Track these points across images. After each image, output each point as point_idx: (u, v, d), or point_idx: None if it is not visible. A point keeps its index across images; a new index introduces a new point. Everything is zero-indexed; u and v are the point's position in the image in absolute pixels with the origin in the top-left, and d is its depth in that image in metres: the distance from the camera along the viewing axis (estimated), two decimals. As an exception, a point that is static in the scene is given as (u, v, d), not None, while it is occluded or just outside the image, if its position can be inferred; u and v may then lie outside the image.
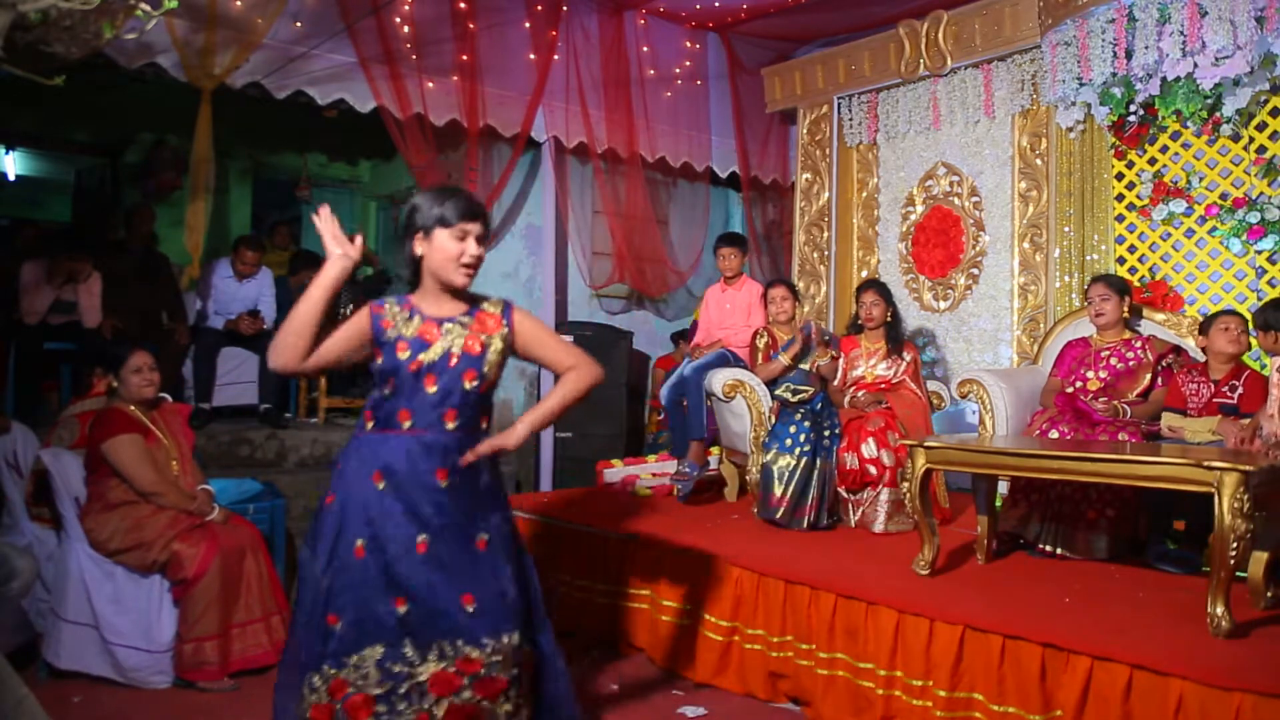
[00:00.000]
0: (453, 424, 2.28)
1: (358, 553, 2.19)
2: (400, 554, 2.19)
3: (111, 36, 3.94)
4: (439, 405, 2.27)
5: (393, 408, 2.26)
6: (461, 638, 2.19)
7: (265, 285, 6.03)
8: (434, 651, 2.17)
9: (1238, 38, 4.05)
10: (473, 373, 2.29)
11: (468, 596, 2.21)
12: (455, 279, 2.31)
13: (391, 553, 2.19)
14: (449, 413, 2.27)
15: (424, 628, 2.18)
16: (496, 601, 2.24)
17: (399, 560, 2.19)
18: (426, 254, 2.32)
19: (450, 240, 2.29)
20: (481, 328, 2.34)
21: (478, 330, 2.33)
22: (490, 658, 2.20)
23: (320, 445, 5.67)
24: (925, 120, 5.94)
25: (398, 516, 2.21)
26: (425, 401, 2.26)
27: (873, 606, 3.06)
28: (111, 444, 3.47)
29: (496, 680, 2.20)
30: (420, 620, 2.18)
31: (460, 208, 2.29)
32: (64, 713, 3.12)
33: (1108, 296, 4.21)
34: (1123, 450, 3.22)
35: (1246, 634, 2.69)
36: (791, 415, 4.28)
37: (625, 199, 6.71)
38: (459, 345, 2.30)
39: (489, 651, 2.20)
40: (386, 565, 2.18)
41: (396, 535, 2.20)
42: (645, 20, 6.70)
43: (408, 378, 2.26)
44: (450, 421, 2.27)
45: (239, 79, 5.15)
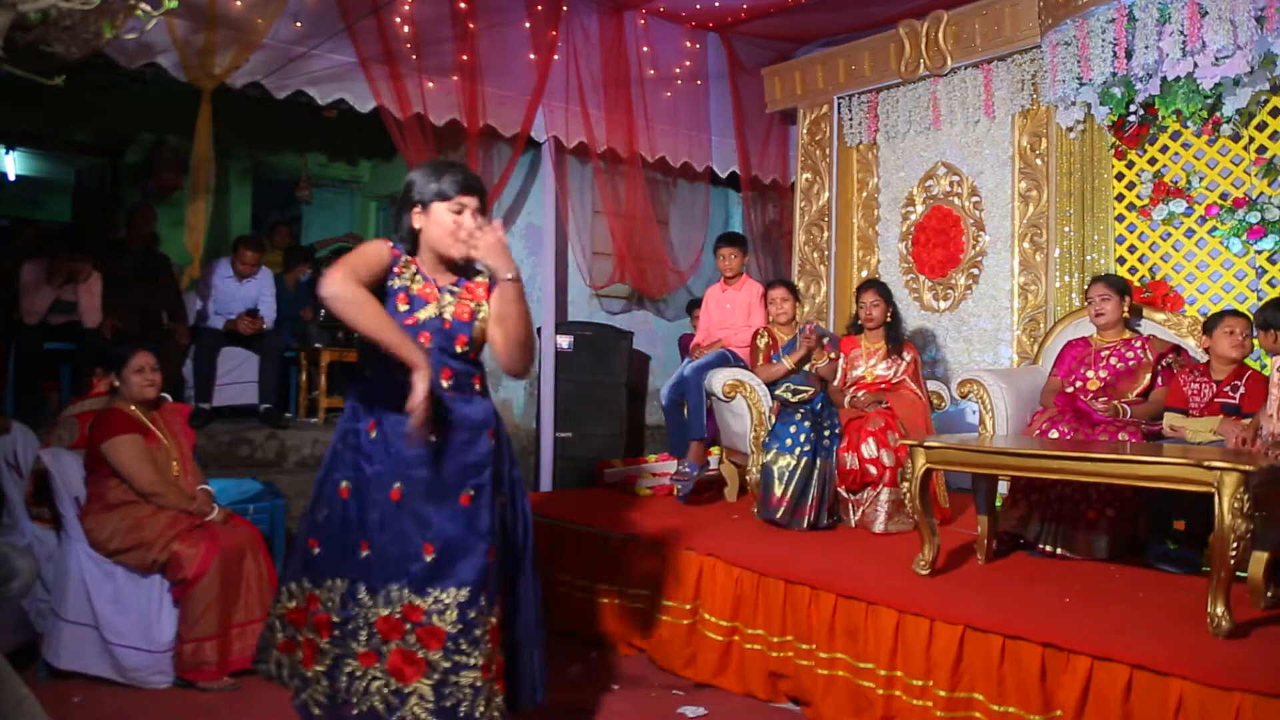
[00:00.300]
0: (447, 383, 2.37)
1: (341, 492, 2.34)
2: (376, 499, 2.30)
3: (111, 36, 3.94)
4: (467, 368, 2.40)
5: (388, 359, 2.23)
6: (409, 586, 2.27)
7: (265, 285, 6.03)
8: (382, 596, 2.28)
9: (1238, 37, 4.05)
10: (463, 338, 2.39)
11: (429, 547, 2.29)
12: (452, 251, 2.37)
13: (368, 497, 2.31)
14: (444, 371, 2.36)
15: (380, 572, 2.28)
16: (457, 555, 2.30)
17: (374, 505, 2.30)
18: (424, 227, 2.39)
19: (447, 214, 2.35)
20: (470, 295, 2.43)
21: (466, 298, 2.42)
22: (432, 607, 2.27)
23: (320, 445, 5.66)
24: (925, 120, 5.94)
25: (382, 466, 2.31)
26: (449, 362, 2.38)
27: (873, 606, 3.06)
28: (111, 444, 3.47)
29: (437, 630, 2.26)
30: (378, 564, 2.28)
31: (458, 181, 2.35)
32: (64, 713, 3.12)
33: (1108, 296, 4.21)
34: (1123, 450, 3.22)
35: (1246, 634, 2.68)
36: (791, 415, 4.28)
37: (625, 199, 6.71)
38: (450, 311, 2.39)
39: (431, 602, 2.27)
40: (361, 508, 2.31)
41: (376, 480, 2.31)
42: (645, 20, 6.70)
43: (408, 330, 2.32)
44: (444, 380, 2.36)
45: (239, 79, 5.15)
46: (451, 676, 2.27)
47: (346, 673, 2.29)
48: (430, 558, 2.28)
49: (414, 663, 2.26)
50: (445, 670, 2.27)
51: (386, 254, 2.37)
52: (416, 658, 2.26)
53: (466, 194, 2.36)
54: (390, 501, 2.30)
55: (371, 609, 2.28)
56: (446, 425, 2.34)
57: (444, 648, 2.26)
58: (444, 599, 2.28)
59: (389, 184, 8.41)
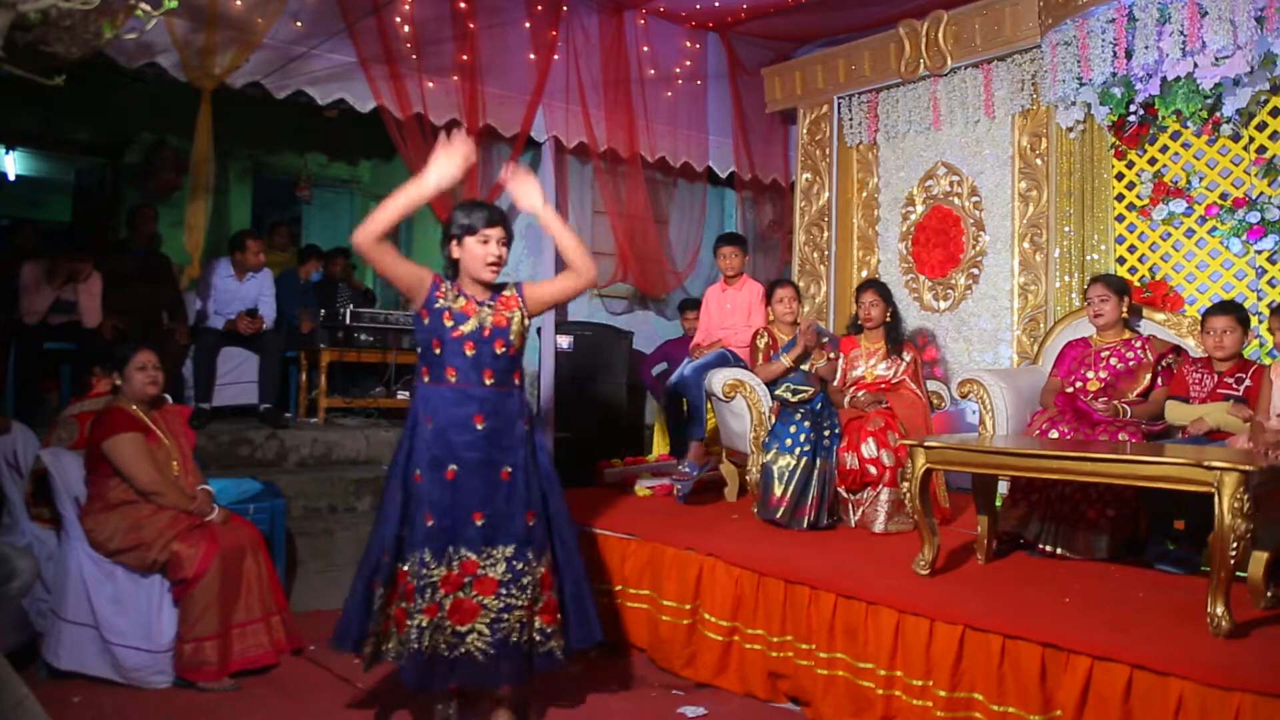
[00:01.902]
0: (490, 381, 2.92)
1: (417, 479, 2.87)
2: (436, 480, 2.84)
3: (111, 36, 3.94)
4: (477, 365, 2.90)
5: (441, 363, 2.90)
6: (465, 545, 2.83)
7: (265, 285, 6.03)
8: (444, 557, 2.82)
9: (1238, 38, 4.05)
10: (501, 341, 2.94)
11: (478, 515, 2.85)
12: (484, 275, 2.96)
13: (430, 478, 2.85)
14: (486, 372, 2.92)
15: (440, 538, 2.82)
16: (502, 520, 2.88)
17: (435, 485, 2.84)
18: (461, 256, 2.97)
19: (477, 244, 2.94)
20: (505, 306, 2.98)
21: (501, 309, 2.97)
22: (484, 561, 2.84)
23: (320, 445, 5.67)
24: (925, 120, 5.94)
25: (438, 451, 2.85)
26: (465, 361, 2.89)
27: (873, 606, 3.07)
28: (112, 442, 3.47)
29: (489, 580, 2.83)
30: (439, 532, 2.82)
31: (484, 217, 2.95)
32: (64, 713, 3.12)
33: (1106, 297, 4.22)
34: (1123, 450, 3.22)
35: (1246, 634, 2.69)
36: (791, 415, 4.28)
37: (626, 199, 6.72)
38: (489, 321, 2.94)
39: (483, 557, 2.84)
40: (429, 487, 2.84)
41: (436, 464, 2.85)
42: (645, 20, 6.70)
43: (451, 342, 2.90)
44: (488, 379, 2.92)
45: (239, 79, 5.15)
46: (503, 615, 2.83)
47: (415, 625, 2.78)
48: (480, 523, 2.84)
49: (470, 608, 2.80)
50: (498, 610, 2.82)
51: (427, 278, 2.94)
52: (473, 604, 2.81)
53: (489, 227, 2.94)
54: (446, 480, 2.84)
55: (436, 569, 2.81)
56: (491, 415, 2.89)
57: (496, 593, 2.83)
58: (494, 554, 2.85)
59: (389, 184, 8.34)
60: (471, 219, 2.94)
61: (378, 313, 6.39)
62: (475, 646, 2.81)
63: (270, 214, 8.46)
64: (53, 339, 5.39)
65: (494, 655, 2.81)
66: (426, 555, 2.81)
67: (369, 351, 6.19)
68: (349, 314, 6.13)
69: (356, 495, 5.37)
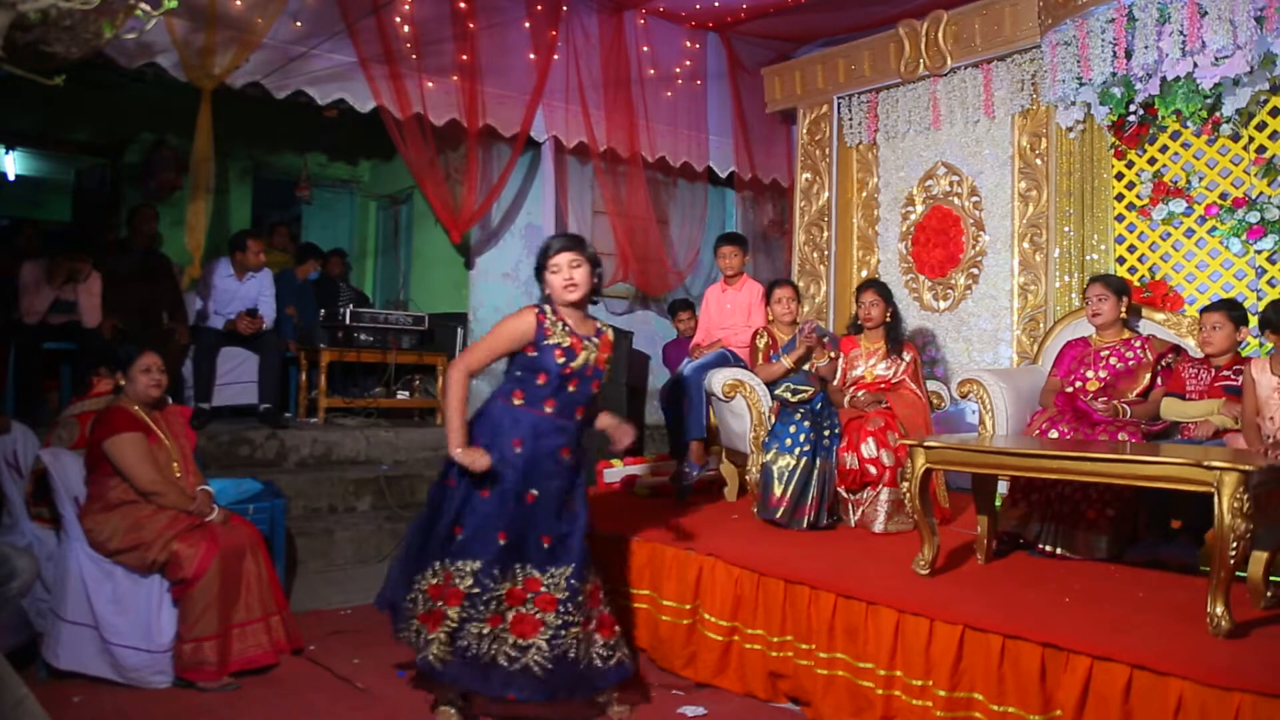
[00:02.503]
0: (580, 416, 3.11)
1: (484, 493, 2.98)
2: (515, 501, 2.97)
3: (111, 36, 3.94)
4: (574, 401, 3.06)
5: (541, 395, 3.02)
6: (532, 564, 2.97)
7: (265, 285, 6.03)
8: (511, 574, 2.96)
9: (1237, 37, 4.05)
10: (598, 382, 3.11)
11: (546, 538, 2.99)
12: (566, 297, 3.05)
13: (510, 498, 2.97)
14: (579, 408, 3.09)
15: (510, 557, 2.95)
16: (563, 543, 3.03)
17: (514, 505, 2.96)
18: (549, 286, 3.09)
19: (551, 275, 3.06)
20: (605, 347, 3.13)
21: (603, 349, 3.12)
22: (547, 580, 2.97)
23: (320, 445, 5.67)
24: (925, 120, 5.94)
25: (523, 474, 2.98)
26: (566, 396, 3.04)
27: (873, 606, 3.06)
28: (113, 441, 3.47)
29: (551, 597, 2.96)
30: (510, 551, 2.95)
31: (556, 246, 3.07)
32: (64, 713, 3.12)
33: (1105, 296, 4.22)
34: (1123, 450, 3.22)
35: (1246, 634, 2.68)
36: (791, 415, 4.28)
37: (626, 199, 6.72)
38: (593, 359, 3.08)
39: (548, 576, 2.97)
40: (502, 506, 2.96)
41: (518, 488, 2.97)
42: (645, 20, 6.70)
43: (558, 378, 3.02)
44: (579, 414, 3.10)
45: (239, 79, 5.15)
46: (561, 631, 2.95)
47: (474, 632, 2.91)
48: (547, 545, 2.99)
49: (532, 623, 2.93)
50: (557, 627, 2.94)
51: (531, 323, 3.03)
52: (535, 619, 2.94)
53: (560, 253, 3.04)
54: (527, 504, 2.99)
55: (501, 584, 2.94)
56: (575, 449, 3.09)
57: (555, 610, 2.96)
58: (556, 574, 2.98)
59: (389, 184, 8.41)
60: (546, 253, 3.08)
61: (378, 313, 6.40)
62: (534, 661, 2.92)
63: (270, 214, 8.46)
64: (52, 339, 5.40)
65: (551, 670, 2.92)
66: (495, 570, 2.94)
67: (369, 351, 6.19)
68: (349, 314, 6.13)
69: (356, 495, 5.37)
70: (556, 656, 2.94)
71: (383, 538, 5.04)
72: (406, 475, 5.61)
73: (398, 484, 5.52)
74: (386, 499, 5.40)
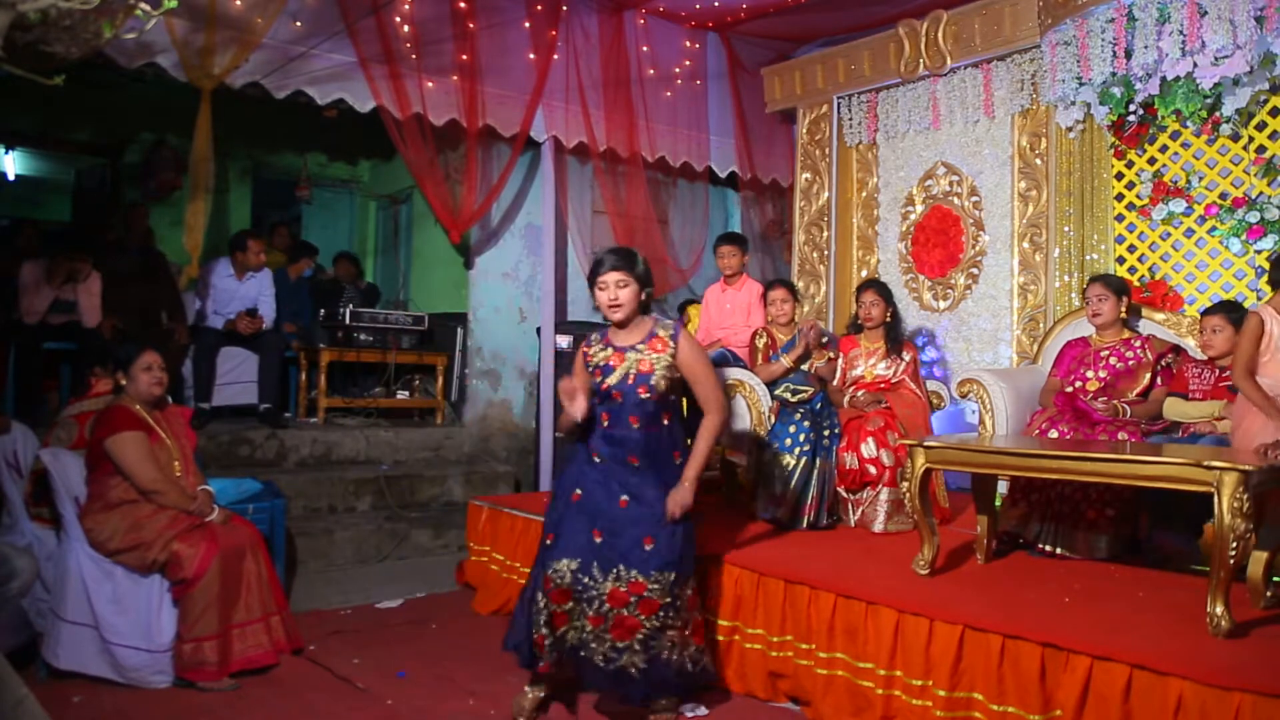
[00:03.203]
0: (637, 425, 3.12)
1: (574, 498, 3.10)
2: (606, 504, 3.06)
3: (111, 36, 3.94)
4: (624, 411, 3.12)
5: (598, 411, 3.15)
6: (635, 568, 2.98)
7: (265, 285, 6.03)
8: (613, 574, 2.98)
9: (1237, 37, 4.05)
10: (645, 388, 3.11)
11: (649, 539, 3.01)
12: (611, 316, 3.16)
13: (599, 502, 3.07)
14: (632, 418, 3.12)
15: (609, 556, 2.99)
16: (664, 546, 3.03)
17: (606, 507, 3.05)
18: (597, 301, 3.19)
19: (599, 293, 3.16)
20: (653, 350, 3.13)
21: (649, 353, 3.13)
22: (651, 584, 2.98)
23: (320, 445, 5.67)
24: (925, 120, 5.94)
25: (606, 482, 3.09)
26: (615, 408, 3.13)
27: (872, 606, 3.06)
28: (114, 440, 3.47)
29: (653, 602, 2.97)
30: (607, 549, 3.01)
31: (597, 267, 3.15)
32: (64, 713, 3.11)
33: (1104, 296, 4.22)
34: (1122, 450, 3.22)
35: (1246, 634, 2.69)
36: (791, 415, 4.28)
37: (626, 199, 6.71)
38: (635, 368, 3.12)
39: (652, 580, 2.98)
40: (593, 510, 3.06)
41: (605, 493, 3.07)
42: (645, 20, 6.70)
43: (601, 393, 3.14)
44: (635, 423, 3.12)
45: (239, 79, 5.15)
46: (657, 634, 2.98)
47: (575, 627, 3.00)
48: (649, 548, 3.01)
49: (632, 625, 2.96)
50: (654, 629, 2.97)
51: (579, 359, 3.24)
52: (635, 621, 2.96)
53: (601, 273, 3.13)
54: (618, 507, 3.06)
55: (604, 584, 2.98)
56: (646, 455, 3.11)
57: (655, 614, 2.97)
58: (661, 578, 2.99)
59: (389, 184, 8.41)
60: (593, 272, 3.18)
61: (377, 313, 6.40)
62: (632, 662, 2.97)
63: (270, 214, 8.45)
64: (52, 339, 5.40)
65: (645, 670, 2.98)
66: (595, 570, 3.00)
67: (369, 351, 6.19)
68: (349, 314, 6.13)
69: (356, 495, 5.37)
70: (652, 657, 2.99)
71: (382, 538, 5.05)
72: (406, 475, 5.61)
73: (398, 484, 5.53)
74: (386, 499, 5.40)
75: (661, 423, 3.16)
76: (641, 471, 3.10)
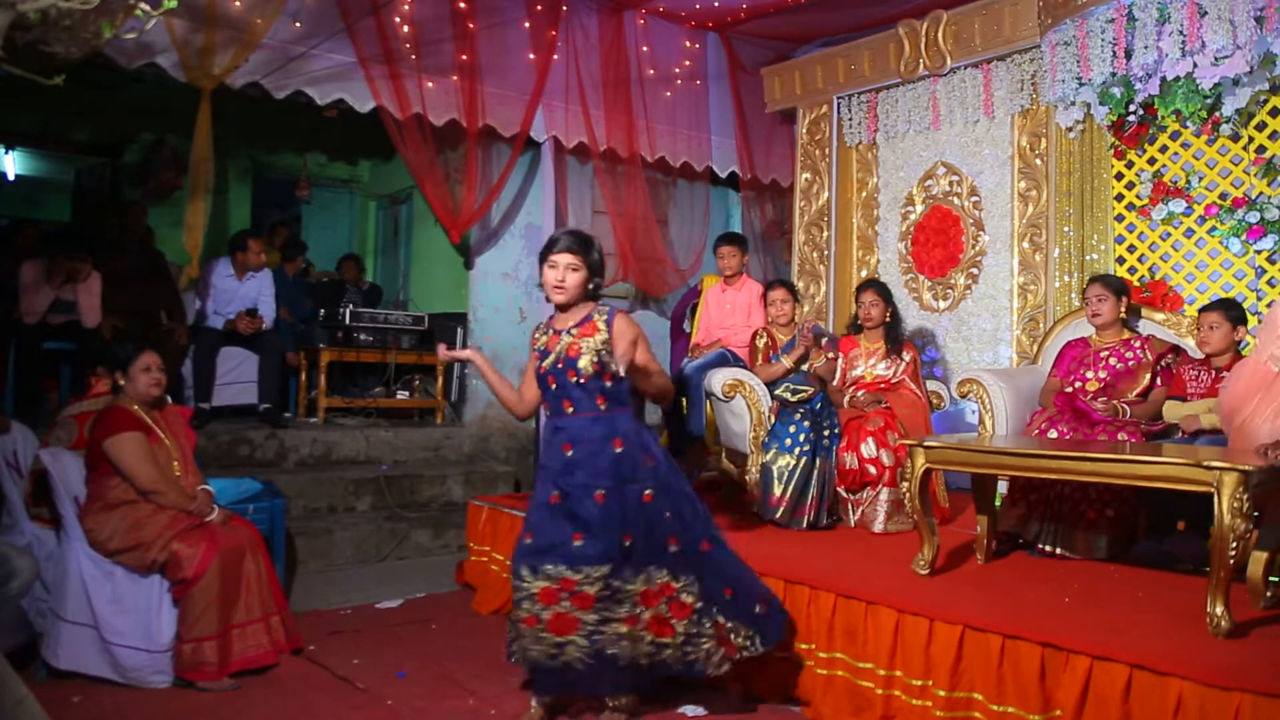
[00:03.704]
0: (570, 410, 3.00)
1: (552, 499, 2.95)
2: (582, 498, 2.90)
3: (111, 36, 3.94)
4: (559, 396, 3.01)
5: (554, 398, 3.03)
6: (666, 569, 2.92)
7: (265, 285, 6.03)
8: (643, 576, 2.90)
9: (1237, 37, 4.05)
10: (572, 371, 2.97)
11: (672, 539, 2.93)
12: (554, 298, 3.05)
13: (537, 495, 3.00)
14: (565, 402, 3.01)
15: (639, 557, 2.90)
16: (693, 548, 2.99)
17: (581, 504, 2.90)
18: (543, 278, 3.08)
19: (548, 270, 3.03)
20: (584, 334, 3.00)
21: (581, 337, 3.00)
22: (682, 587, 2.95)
23: (320, 445, 5.67)
24: (925, 120, 5.94)
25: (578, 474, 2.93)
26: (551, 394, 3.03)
27: (872, 606, 3.06)
28: (113, 441, 3.47)
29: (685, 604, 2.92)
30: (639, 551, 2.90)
31: (551, 245, 3.04)
32: (64, 713, 3.11)
33: (1104, 296, 4.22)
34: (1122, 450, 3.22)
35: (1246, 634, 2.69)
36: (791, 415, 4.28)
37: (626, 199, 6.71)
38: (565, 351, 3.00)
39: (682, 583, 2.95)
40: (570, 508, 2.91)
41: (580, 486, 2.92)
42: (645, 20, 6.70)
43: (542, 377, 3.05)
44: (568, 408, 3.01)
45: (238, 79, 5.15)
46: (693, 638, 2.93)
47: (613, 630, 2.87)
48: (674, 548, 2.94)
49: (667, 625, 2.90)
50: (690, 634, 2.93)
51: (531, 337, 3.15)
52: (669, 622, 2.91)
53: (553, 253, 3.01)
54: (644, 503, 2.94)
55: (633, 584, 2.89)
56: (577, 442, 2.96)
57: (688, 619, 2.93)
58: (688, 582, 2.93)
59: (389, 184, 8.41)
60: (547, 247, 3.06)
61: (377, 313, 6.40)
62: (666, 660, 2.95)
63: (270, 214, 8.45)
64: (52, 339, 5.39)
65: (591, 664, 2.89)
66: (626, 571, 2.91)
67: (368, 351, 6.19)
68: (349, 314, 6.12)
69: (356, 495, 5.37)
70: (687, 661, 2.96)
71: (382, 538, 5.04)
72: (406, 475, 5.61)
73: (397, 484, 5.52)
74: (386, 499, 5.40)
75: (597, 406, 2.99)
76: (574, 461, 2.96)
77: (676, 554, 2.96)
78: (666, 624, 2.93)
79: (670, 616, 2.93)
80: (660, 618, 2.92)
